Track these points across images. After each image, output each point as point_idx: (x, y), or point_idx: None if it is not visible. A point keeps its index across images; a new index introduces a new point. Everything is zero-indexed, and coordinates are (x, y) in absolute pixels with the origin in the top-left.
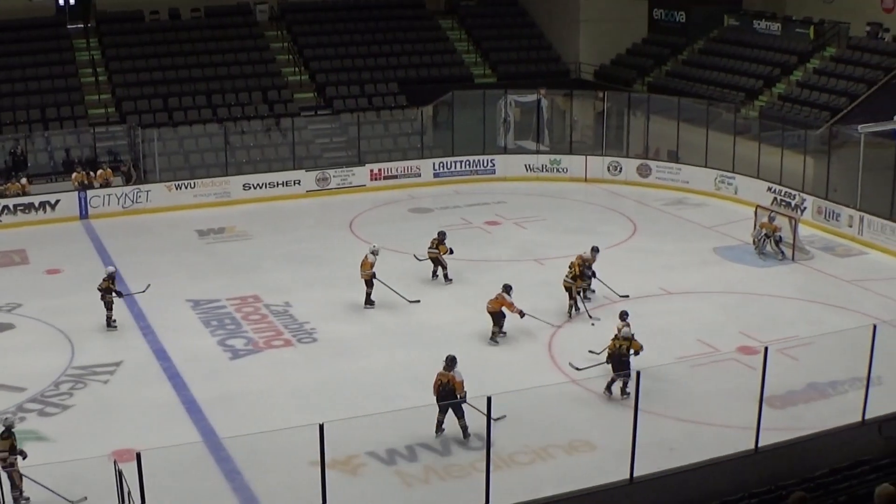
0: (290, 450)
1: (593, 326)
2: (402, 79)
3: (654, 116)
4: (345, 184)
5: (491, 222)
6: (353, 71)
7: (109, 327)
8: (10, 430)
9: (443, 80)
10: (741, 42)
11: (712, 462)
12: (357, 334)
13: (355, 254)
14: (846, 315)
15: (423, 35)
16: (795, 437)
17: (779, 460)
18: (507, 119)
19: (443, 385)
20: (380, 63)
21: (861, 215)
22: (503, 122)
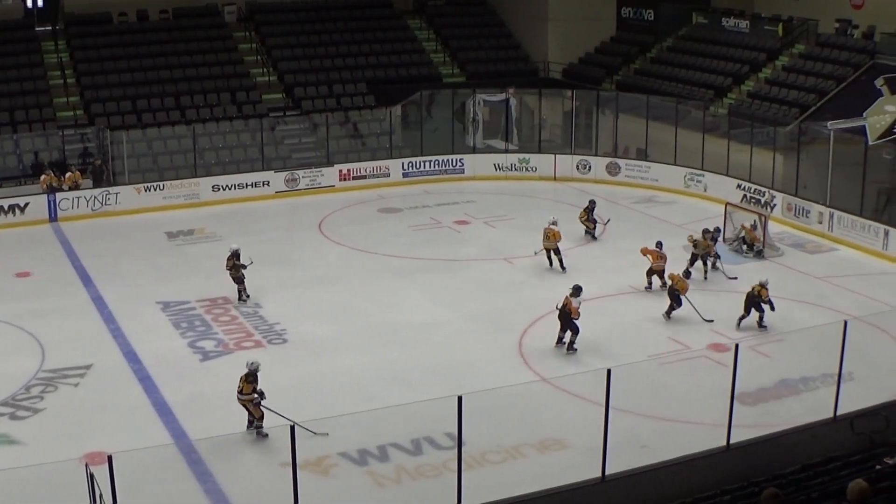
0: (261, 451)
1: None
2: (370, 79)
3: (622, 115)
4: (314, 184)
5: (460, 222)
6: (322, 71)
7: (241, 300)
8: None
9: (411, 80)
10: (710, 40)
11: (684, 459)
12: (327, 335)
13: (325, 255)
14: (817, 311)
15: (391, 35)
16: (767, 434)
17: (751, 457)
18: (476, 118)
19: (564, 306)
20: (348, 63)
21: (831, 212)
22: (472, 122)
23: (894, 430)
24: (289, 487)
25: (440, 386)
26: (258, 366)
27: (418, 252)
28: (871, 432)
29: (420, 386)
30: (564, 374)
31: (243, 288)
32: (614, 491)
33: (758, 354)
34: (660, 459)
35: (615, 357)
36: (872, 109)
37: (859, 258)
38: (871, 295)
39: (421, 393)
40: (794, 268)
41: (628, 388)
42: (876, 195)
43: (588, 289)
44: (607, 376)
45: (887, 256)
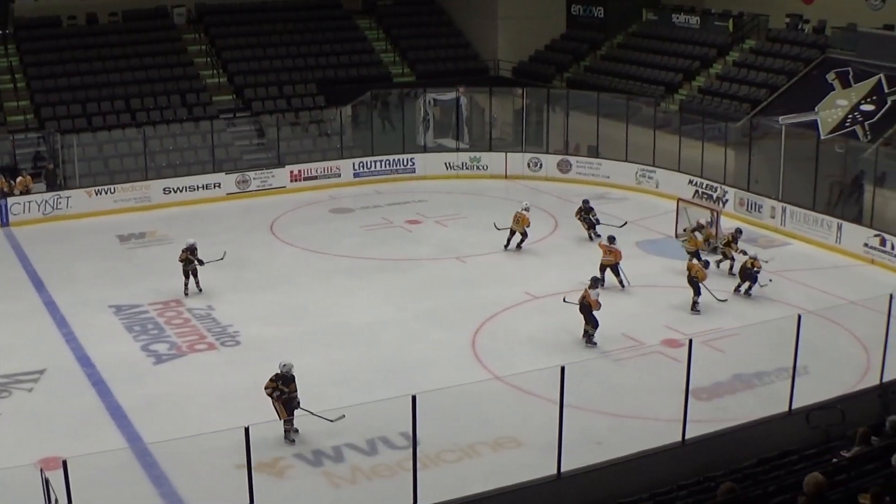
0: (216, 453)
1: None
2: (320, 79)
3: (573, 112)
4: (265, 186)
5: (412, 221)
6: (272, 72)
7: (186, 294)
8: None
9: (361, 80)
10: (660, 36)
11: (640, 455)
12: (281, 336)
13: (277, 256)
14: (770, 306)
15: (340, 35)
16: (722, 429)
17: (706, 452)
18: (427, 118)
19: (583, 299)
20: (298, 64)
21: (783, 206)
22: (423, 121)
23: (850, 423)
24: (244, 489)
25: (394, 385)
26: (288, 367)
27: (370, 252)
28: (827, 425)
29: (374, 386)
30: (518, 371)
31: (197, 281)
32: (570, 488)
33: (712, 350)
34: (615, 456)
35: (569, 354)
36: (824, 104)
37: (812, 252)
38: (824, 289)
39: (375, 393)
40: None
41: (583, 385)
42: (828, 189)
43: (539, 285)
44: (561, 373)
45: (840, 250)
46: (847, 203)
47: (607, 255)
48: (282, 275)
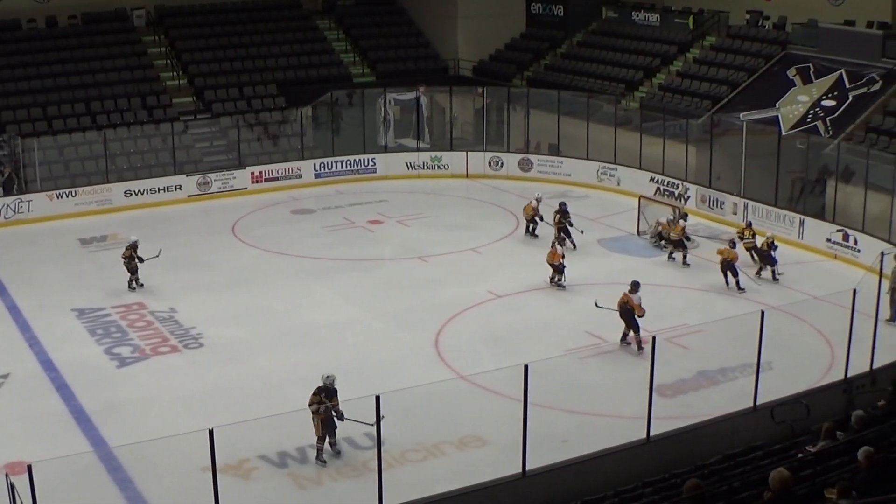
0: (181, 456)
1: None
2: (280, 80)
3: (534, 111)
4: (226, 187)
5: (373, 221)
6: (232, 74)
7: (131, 288)
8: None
9: (321, 81)
10: (620, 34)
11: (605, 453)
12: (244, 337)
13: (239, 257)
14: (734, 302)
15: (300, 36)
16: (687, 425)
17: (671, 449)
18: (387, 118)
19: (624, 304)
20: (258, 65)
21: (745, 202)
22: (383, 121)
23: (815, 418)
24: (210, 492)
25: (357, 386)
26: (332, 380)
27: (332, 252)
28: (792, 421)
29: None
30: (482, 370)
31: (136, 278)
32: (535, 487)
33: (676, 346)
34: (580, 454)
35: (532, 353)
36: (785, 100)
37: None
38: (787, 284)
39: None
40: (709, 259)
41: (546, 384)
42: (790, 185)
43: (502, 284)
44: (525, 372)
45: (803, 245)
46: (809, 198)
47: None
48: (244, 276)
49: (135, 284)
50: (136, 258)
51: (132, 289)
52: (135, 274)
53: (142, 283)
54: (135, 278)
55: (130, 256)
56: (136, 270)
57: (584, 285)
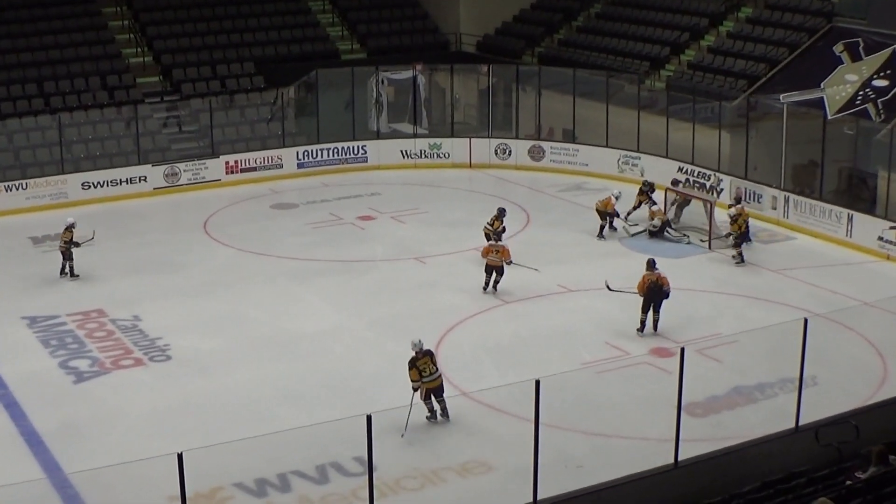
0: (146, 484)
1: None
2: (258, 58)
3: (546, 92)
4: (197, 179)
5: (364, 217)
6: (204, 50)
7: (63, 275)
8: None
9: (305, 58)
10: (644, 4)
11: (627, 480)
12: (217, 349)
13: (211, 258)
14: (773, 309)
15: (281, 7)
16: (720, 449)
17: (702, 475)
18: (380, 100)
19: (653, 283)
20: (233, 40)
21: (786, 196)
22: (375, 104)
23: (865, 440)
24: None
25: (346, 404)
26: (419, 345)
27: (317, 253)
28: (839, 443)
29: (323, 404)
30: (487, 386)
31: (72, 265)
32: None
33: (707, 359)
34: (599, 481)
35: (544, 366)
36: (831, 79)
37: (819, 247)
38: (833, 289)
39: (324, 412)
40: (745, 259)
41: (561, 401)
42: (837, 175)
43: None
44: (536, 388)
45: (851, 245)
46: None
47: (493, 255)
48: (217, 279)
49: (69, 273)
50: (73, 243)
51: (65, 275)
52: (71, 260)
53: (77, 273)
54: (70, 265)
55: (71, 240)
56: (73, 257)
57: (603, 290)
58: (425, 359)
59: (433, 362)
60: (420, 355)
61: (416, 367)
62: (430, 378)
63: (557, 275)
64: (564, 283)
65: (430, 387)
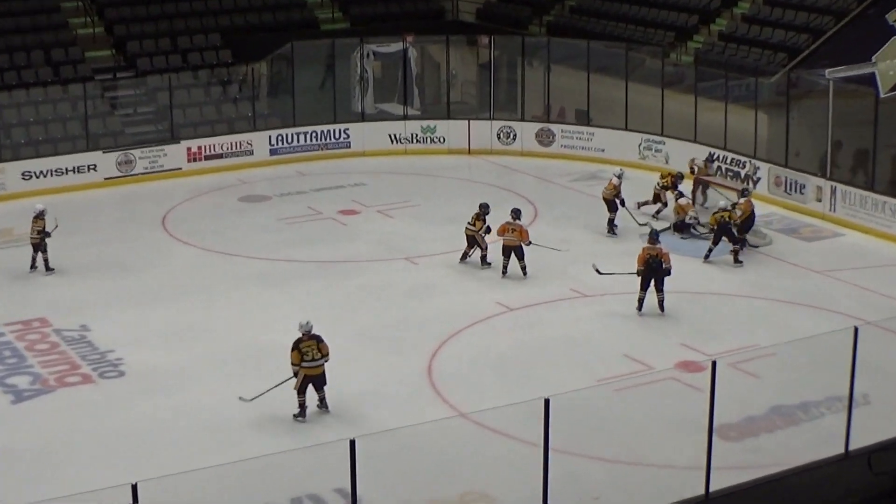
0: None
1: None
2: (225, 28)
3: (556, 67)
4: (155, 167)
5: (347, 211)
6: (162, 20)
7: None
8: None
9: (279, 29)
10: None
11: None
12: (176, 364)
13: (170, 259)
14: (818, 316)
15: None
16: (759, 478)
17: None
18: (365, 76)
19: (651, 257)
20: (196, 8)
21: (832, 186)
22: (359, 81)
23: None
24: None
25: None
26: (306, 326)
27: (293, 253)
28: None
29: (299, 428)
30: (488, 406)
31: (46, 257)
32: None
33: (742, 374)
34: None
35: (554, 383)
36: (884, 52)
37: (871, 245)
38: (888, 292)
39: (300, 437)
40: (785, 260)
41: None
42: (891, 163)
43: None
44: (545, 408)
45: None
46: None
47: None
48: (177, 283)
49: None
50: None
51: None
52: (45, 252)
53: (52, 267)
54: (45, 258)
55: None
56: (47, 248)
57: (622, 294)
58: (311, 342)
59: (319, 349)
60: (305, 337)
61: (298, 349)
62: (310, 364)
63: (569, 278)
64: (578, 287)
65: (309, 373)
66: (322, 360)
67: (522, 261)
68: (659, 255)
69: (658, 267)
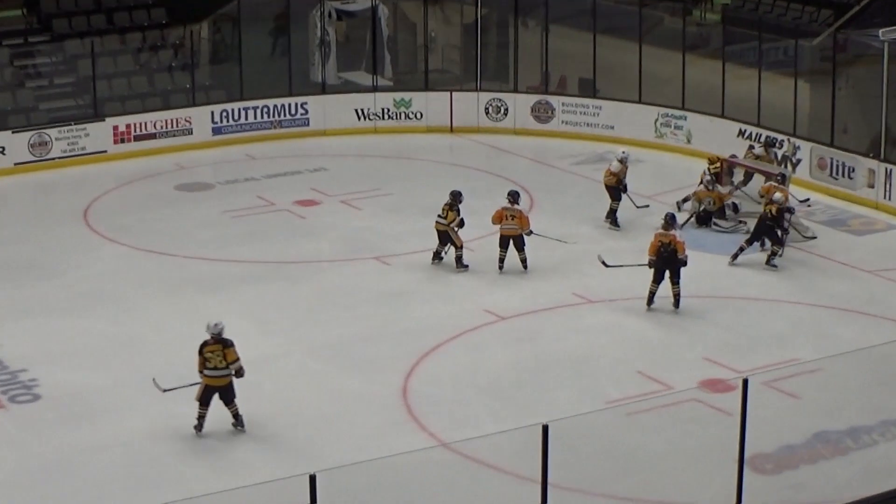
0: None
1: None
2: None
3: (555, 27)
4: (75, 150)
5: (305, 202)
6: None
7: None
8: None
9: None
10: None
11: None
12: (100, 384)
13: (93, 260)
14: (870, 324)
15: None
16: None
17: None
18: (326, 40)
19: (663, 246)
20: None
21: (888, 169)
22: (319, 46)
23: None
24: None
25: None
26: (214, 329)
27: (240, 251)
28: None
29: (249, 458)
30: (477, 434)
31: None
32: None
33: (779, 393)
34: None
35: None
36: None
37: None
38: None
39: (251, 469)
40: (830, 257)
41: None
42: None
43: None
44: (543, 436)
45: None
46: None
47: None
48: (102, 289)
49: None
50: None
51: None
52: None
53: None
54: None
55: None
56: None
57: (637, 299)
58: (215, 346)
59: (225, 356)
60: (211, 341)
61: (202, 354)
62: (212, 373)
63: (572, 280)
64: (582, 291)
65: (210, 384)
66: (226, 370)
67: (522, 252)
68: (672, 243)
69: (671, 257)
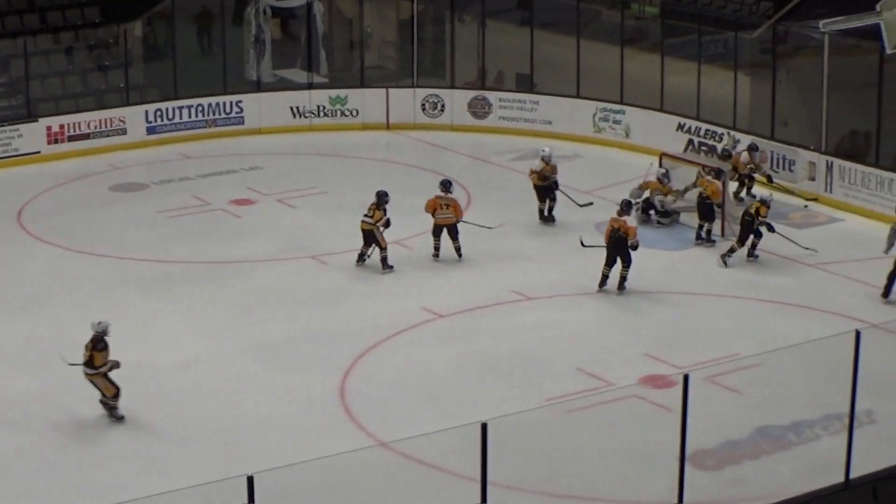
0: None
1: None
2: None
3: (492, 22)
4: (7, 151)
5: (240, 201)
6: None
7: None
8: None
9: None
10: None
11: None
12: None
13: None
14: (812, 318)
15: None
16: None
17: None
18: (261, 37)
19: (614, 231)
20: None
21: (828, 161)
22: (254, 43)
23: None
24: None
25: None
26: (98, 327)
27: (175, 251)
28: None
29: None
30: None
31: None
32: None
33: (721, 389)
34: None
35: (493, 404)
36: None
37: (875, 232)
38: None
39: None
40: (772, 251)
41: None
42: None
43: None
44: (483, 434)
45: None
46: None
47: (442, 211)
48: (34, 292)
49: None
50: None
51: None
52: None
53: None
54: None
55: None
56: None
57: (576, 296)
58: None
59: (92, 358)
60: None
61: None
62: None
63: (510, 277)
64: (521, 288)
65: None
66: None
67: (457, 241)
68: (622, 229)
69: (621, 242)
